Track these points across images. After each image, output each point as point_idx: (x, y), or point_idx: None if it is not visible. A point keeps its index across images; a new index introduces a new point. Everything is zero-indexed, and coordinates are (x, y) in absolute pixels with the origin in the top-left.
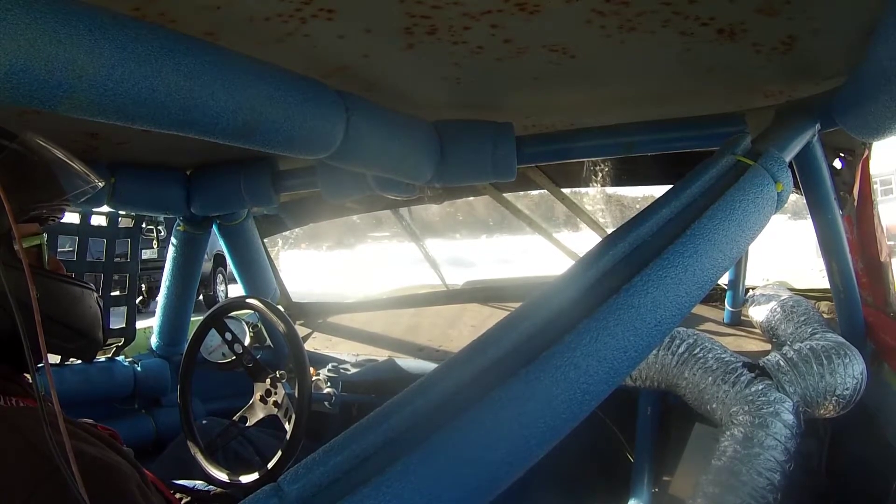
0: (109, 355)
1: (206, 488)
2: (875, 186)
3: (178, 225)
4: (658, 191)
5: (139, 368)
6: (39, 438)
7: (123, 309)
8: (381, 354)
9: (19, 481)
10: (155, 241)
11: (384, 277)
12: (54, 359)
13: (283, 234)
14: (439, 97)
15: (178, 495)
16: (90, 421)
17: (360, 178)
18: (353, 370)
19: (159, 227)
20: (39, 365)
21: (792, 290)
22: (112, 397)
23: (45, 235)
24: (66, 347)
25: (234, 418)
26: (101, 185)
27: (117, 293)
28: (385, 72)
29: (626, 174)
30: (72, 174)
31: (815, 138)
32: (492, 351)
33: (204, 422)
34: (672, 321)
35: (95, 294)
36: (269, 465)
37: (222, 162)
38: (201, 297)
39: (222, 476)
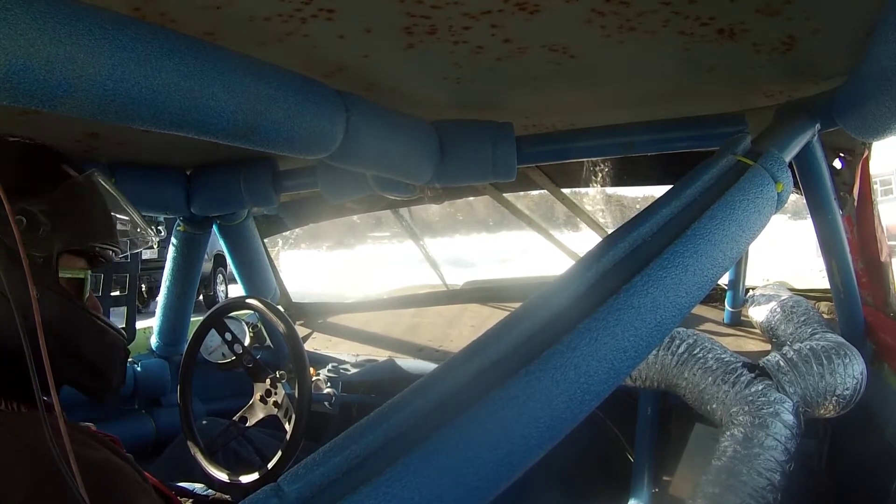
0: None
1: (205, 492)
2: (875, 186)
3: (178, 225)
4: (658, 191)
5: (139, 368)
6: (40, 441)
7: (123, 309)
8: (381, 354)
9: (19, 483)
10: (155, 241)
11: (384, 277)
12: None
13: (283, 234)
14: (439, 97)
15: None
16: (90, 425)
17: (360, 178)
18: (353, 370)
19: (159, 227)
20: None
21: (792, 290)
22: None
23: (89, 273)
24: (84, 385)
25: (234, 418)
26: (155, 241)
27: (117, 293)
28: (385, 72)
29: (626, 174)
30: (131, 223)
31: (815, 138)
32: (492, 351)
33: (204, 422)
34: (672, 321)
35: (125, 342)
36: (269, 465)
37: (222, 162)
38: (201, 297)
39: (222, 476)
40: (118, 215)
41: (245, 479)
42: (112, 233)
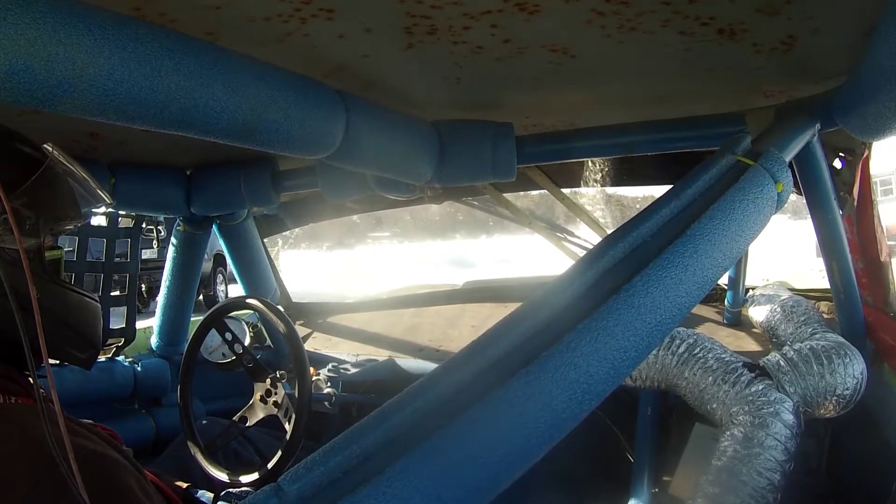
0: (109, 355)
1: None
2: (875, 186)
3: (178, 225)
4: (658, 191)
5: (139, 368)
6: (40, 433)
7: (123, 309)
8: (381, 354)
9: (20, 475)
10: (155, 241)
11: (384, 277)
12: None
13: (283, 234)
14: (439, 97)
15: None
16: (90, 421)
17: (360, 178)
18: (353, 370)
19: (159, 227)
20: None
21: (792, 290)
22: (112, 397)
23: (63, 250)
24: (76, 356)
25: (234, 418)
26: (110, 202)
27: (117, 293)
28: (385, 71)
29: (626, 174)
30: (88, 191)
31: (815, 138)
32: (492, 351)
33: (204, 422)
34: (672, 321)
35: (99, 305)
36: (269, 465)
37: (222, 162)
38: (201, 297)
39: (222, 476)
40: (78, 185)
41: (245, 479)
42: (79, 208)
